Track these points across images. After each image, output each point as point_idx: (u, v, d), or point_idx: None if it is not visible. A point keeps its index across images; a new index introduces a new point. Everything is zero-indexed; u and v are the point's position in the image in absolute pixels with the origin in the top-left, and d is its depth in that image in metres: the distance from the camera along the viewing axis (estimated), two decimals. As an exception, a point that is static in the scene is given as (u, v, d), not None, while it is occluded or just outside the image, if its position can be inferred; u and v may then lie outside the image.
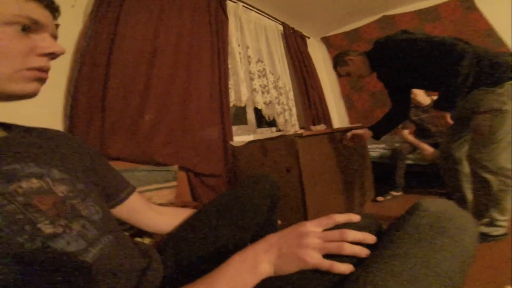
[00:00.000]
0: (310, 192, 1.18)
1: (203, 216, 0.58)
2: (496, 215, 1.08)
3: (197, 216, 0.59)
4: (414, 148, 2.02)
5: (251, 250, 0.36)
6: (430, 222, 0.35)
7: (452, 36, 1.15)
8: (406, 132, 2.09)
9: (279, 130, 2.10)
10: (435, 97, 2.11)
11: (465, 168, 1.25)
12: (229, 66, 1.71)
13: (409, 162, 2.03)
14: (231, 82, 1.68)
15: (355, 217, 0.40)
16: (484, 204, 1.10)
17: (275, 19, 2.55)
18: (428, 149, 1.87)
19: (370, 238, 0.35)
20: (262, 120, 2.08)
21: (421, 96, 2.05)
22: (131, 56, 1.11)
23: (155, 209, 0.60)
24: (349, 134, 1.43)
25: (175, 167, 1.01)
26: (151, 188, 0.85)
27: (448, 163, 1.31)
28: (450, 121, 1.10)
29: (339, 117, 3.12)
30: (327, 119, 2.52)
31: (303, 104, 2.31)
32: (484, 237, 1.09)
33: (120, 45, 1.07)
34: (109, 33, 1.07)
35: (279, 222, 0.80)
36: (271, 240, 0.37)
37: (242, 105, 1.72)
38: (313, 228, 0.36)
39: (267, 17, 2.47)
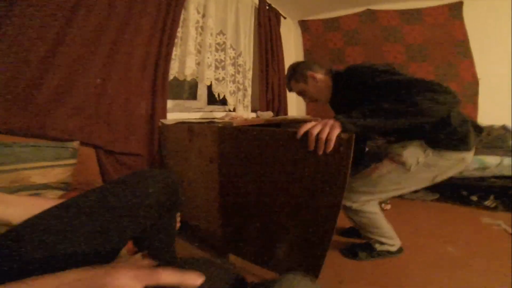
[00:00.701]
0: (229, 190, 1.08)
1: (58, 212, 0.48)
2: (378, 238, 1.16)
3: (52, 211, 0.48)
4: None
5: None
6: None
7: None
8: None
9: (230, 110, 2.04)
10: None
11: None
12: (179, 34, 1.54)
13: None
14: (176, 52, 1.53)
15: (195, 281, 0.30)
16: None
17: None
18: None
19: None
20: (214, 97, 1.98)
21: None
22: (45, 7, 0.90)
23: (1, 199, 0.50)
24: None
25: (75, 143, 0.91)
26: (35, 166, 0.76)
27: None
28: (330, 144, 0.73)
29: (297, 104, 3.12)
30: (282, 105, 2.50)
31: (260, 86, 2.25)
32: (385, 253, 1.18)
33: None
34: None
35: (178, 225, 0.77)
36: (66, 279, 0.29)
37: (188, 79, 1.60)
38: (126, 281, 0.28)
39: None
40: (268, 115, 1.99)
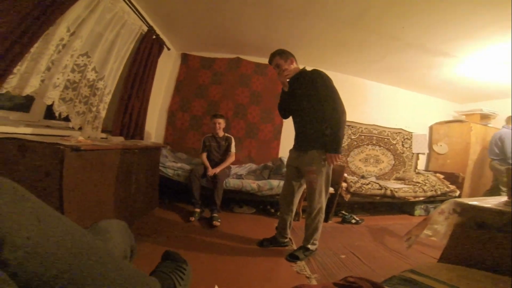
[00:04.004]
0: (70, 200, 1.25)
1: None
2: (314, 239, 1.75)
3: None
4: (205, 171, 2.51)
5: None
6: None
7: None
8: (204, 155, 2.65)
9: (73, 128, 2.01)
10: (227, 134, 2.82)
11: (296, 199, 1.84)
12: (32, 50, 1.46)
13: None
14: (20, 67, 1.44)
15: None
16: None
17: (144, 19, 2.45)
18: (212, 171, 2.48)
19: None
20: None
21: (221, 130, 2.71)
22: None
23: None
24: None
25: None
26: None
27: (288, 196, 1.83)
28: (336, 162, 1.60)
29: (157, 128, 3.42)
30: (139, 131, 2.70)
31: (118, 110, 2.36)
32: (313, 252, 1.77)
33: None
34: None
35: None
36: None
37: (22, 95, 1.51)
38: None
39: (138, 15, 2.33)
40: (117, 139, 2.15)
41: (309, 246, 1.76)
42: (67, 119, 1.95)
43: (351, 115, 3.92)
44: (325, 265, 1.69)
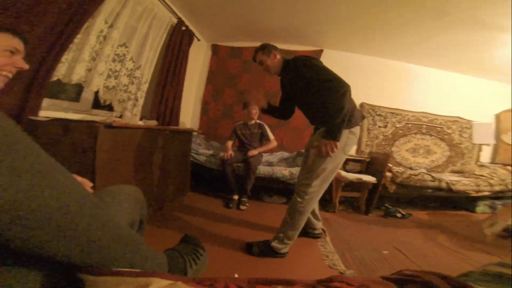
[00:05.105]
0: (102, 175, 1.32)
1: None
2: (287, 239, 1.43)
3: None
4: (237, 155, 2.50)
5: None
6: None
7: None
8: (229, 143, 2.63)
9: (116, 117, 2.17)
10: (259, 121, 2.75)
11: None
12: (76, 40, 1.61)
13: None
14: (68, 57, 1.60)
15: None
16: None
17: (173, 11, 2.52)
18: (251, 152, 2.48)
19: None
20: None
21: (255, 118, 2.67)
22: None
23: None
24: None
25: None
26: None
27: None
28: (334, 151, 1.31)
29: (193, 117, 3.54)
30: (174, 118, 2.81)
31: (154, 98, 2.48)
32: (276, 253, 1.43)
33: None
34: None
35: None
36: None
37: (72, 83, 1.67)
38: None
39: (166, 7, 2.41)
40: (151, 123, 2.25)
41: (273, 243, 1.45)
42: (111, 109, 2.11)
43: (394, 102, 3.62)
44: (363, 260, 1.52)
